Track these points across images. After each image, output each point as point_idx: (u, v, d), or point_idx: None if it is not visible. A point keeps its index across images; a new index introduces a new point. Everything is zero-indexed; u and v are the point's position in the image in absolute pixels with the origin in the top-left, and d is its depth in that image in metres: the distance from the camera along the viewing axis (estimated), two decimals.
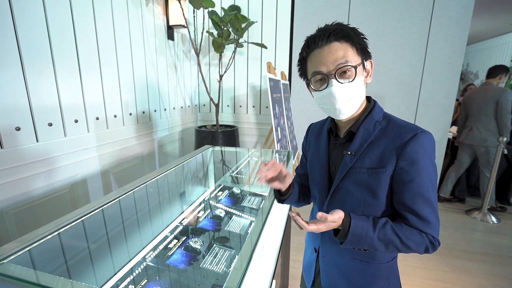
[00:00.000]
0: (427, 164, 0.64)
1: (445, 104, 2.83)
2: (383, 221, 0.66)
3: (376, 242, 0.64)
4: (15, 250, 0.62)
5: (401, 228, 0.65)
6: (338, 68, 0.65)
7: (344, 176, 0.71)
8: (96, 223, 0.85)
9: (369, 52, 0.70)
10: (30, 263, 0.64)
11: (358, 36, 0.67)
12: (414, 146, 0.63)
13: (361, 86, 0.68)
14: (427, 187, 0.64)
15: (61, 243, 0.74)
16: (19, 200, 1.43)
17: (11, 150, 1.36)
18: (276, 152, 1.77)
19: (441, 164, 3.00)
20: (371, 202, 0.69)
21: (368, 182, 0.68)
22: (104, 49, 1.88)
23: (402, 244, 0.64)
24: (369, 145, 0.69)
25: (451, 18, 2.63)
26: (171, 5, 2.56)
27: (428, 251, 0.65)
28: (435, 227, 0.65)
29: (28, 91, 1.42)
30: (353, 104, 0.69)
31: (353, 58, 0.65)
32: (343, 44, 0.65)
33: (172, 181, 1.30)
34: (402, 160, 0.64)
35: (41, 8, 1.44)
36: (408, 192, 0.65)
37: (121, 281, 0.80)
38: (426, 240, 0.64)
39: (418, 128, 0.66)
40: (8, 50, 1.31)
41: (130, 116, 2.22)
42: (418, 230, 0.64)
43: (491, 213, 2.85)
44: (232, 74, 3.28)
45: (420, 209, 0.64)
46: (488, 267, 2.04)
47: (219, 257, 0.95)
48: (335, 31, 0.65)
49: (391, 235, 0.64)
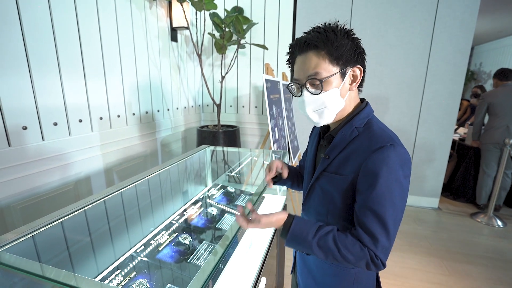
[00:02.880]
0: (389, 180, 0.60)
1: (449, 105, 2.79)
2: (328, 229, 0.65)
3: (315, 248, 0.64)
4: (10, 240, 0.68)
5: (344, 239, 0.63)
6: (308, 79, 0.66)
7: (317, 178, 0.75)
8: (89, 218, 0.90)
9: (354, 58, 0.66)
10: (25, 253, 0.69)
11: (337, 43, 0.63)
12: (376, 158, 0.61)
13: (334, 97, 0.66)
14: (382, 203, 0.61)
15: (56, 235, 0.79)
16: (26, 196, 1.50)
17: (18, 148, 1.44)
18: (272, 153, 1.79)
19: (444, 166, 2.95)
20: (334, 206, 0.71)
21: (332, 187, 0.70)
22: (108, 51, 1.95)
23: (340, 255, 0.62)
24: (342, 151, 0.69)
25: (455, 17, 2.59)
26: (175, 7, 2.62)
27: (368, 267, 0.63)
28: (382, 246, 0.61)
29: (34, 92, 1.49)
30: (325, 114, 0.69)
31: (326, 69, 0.64)
32: (319, 52, 0.64)
33: (166, 180, 1.34)
34: (362, 171, 0.63)
35: (47, 13, 1.51)
36: (362, 204, 0.63)
37: (111, 273, 0.85)
38: (366, 256, 0.61)
39: (389, 141, 0.62)
40: (16, 53, 1.38)
41: (133, 116, 2.29)
42: (360, 243, 0.62)
43: (496, 217, 2.78)
44: (235, 75, 3.32)
45: (368, 223, 0.62)
46: (489, 271, 2.01)
47: (207, 253, 0.99)
48: (310, 39, 0.64)
49: (331, 244, 0.63)
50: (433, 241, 2.40)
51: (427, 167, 2.98)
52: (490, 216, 2.79)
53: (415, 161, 3.00)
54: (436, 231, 2.59)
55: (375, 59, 2.85)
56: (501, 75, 2.85)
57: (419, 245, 2.34)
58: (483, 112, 2.93)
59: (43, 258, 0.75)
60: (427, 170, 2.99)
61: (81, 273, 0.84)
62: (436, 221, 2.79)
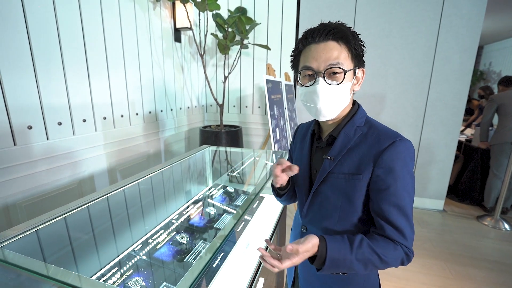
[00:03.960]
0: (404, 173, 0.63)
1: (455, 106, 2.74)
2: (358, 239, 0.62)
3: (355, 264, 0.60)
4: (10, 236, 0.70)
5: (377, 244, 0.62)
6: (328, 67, 0.64)
7: (322, 181, 0.71)
8: (87, 216, 0.91)
9: (363, 60, 0.69)
10: (23, 250, 0.70)
11: (357, 42, 0.66)
12: (391, 154, 0.62)
13: (346, 92, 0.67)
14: (403, 196, 0.63)
15: (54, 232, 0.81)
16: (31, 194, 1.54)
17: (23, 147, 1.47)
18: (273, 153, 1.79)
19: (450, 168, 2.90)
20: (347, 208, 0.69)
21: (345, 188, 0.68)
22: (112, 51, 1.98)
23: (380, 261, 0.61)
24: (348, 150, 0.68)
25: (462, 16, 2.54)
26: (178, 8, 2.64)
27: (403, 263, 0.64)
28: (410, 237, 0.63)
29: (39, 92, 1.53)
30: (335, 108, 0.68)
31: (345, 62, 0.64)
32: (340, 45, 0.64)
33: (165, 180, 1.36)
34: (378, 168, 0.63)
35: (52, 14, 1.55)
36: (383, 201, 0.63)
37: (108, 270, 0.86)
38: (401, 253, 0.62)
39: (397, 136, 0.64)
40: (22, 53, 1.42)
41: (137, 116, 2.32)
42: (392, 243, 0.62)
43: (504, 220, 2.73)
44: (238, 75, 3.33)
45: (395, 219, 0.62)
46: (494, 275, 1.97)
47: (203, 252, 1.00)
48: (335, 30, 0.64)
49: (369, 254, 0.60)
50: (436, 244, 2.37)
51: (432, 168, 2.94)
52: (497, 219, 2.73)
53: (419, 162, 2.96)
54: (440, 233, 2.55)
55: (380, 59, 2.82)
56: (507, 82, 2.88)
57: (422, 247, 2.31)
58: (492, 113, 2.89)
59: (41, 255, 0.77)
60: (432, 172, 2.94)
61: (77, 270, 0.86)
62: (441, 223, 2.75)
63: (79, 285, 0.54)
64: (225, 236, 0.69)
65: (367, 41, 2.98)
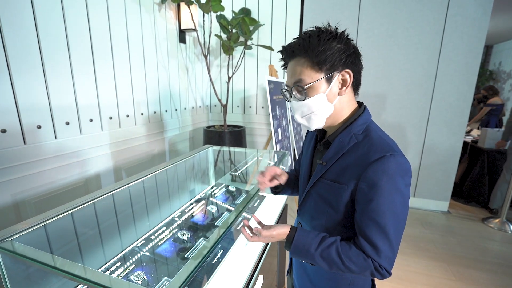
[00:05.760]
0: (389, 190, 0.60)
1: (460, 106, 2.72)
2: (331, 240, 0.65)
3: (318, 260, 0.64)
4: (19, 230, 0.73)
5: (347, 250, 0.63)
6: (293, 85, 0.67)
7: (313, 185, 0.73)
8: (91, 213, 0.95)
9: (342, 62, 0.63)
10: (32, 243, 0.74)
11: (317, 49, 0.61)
12: (376, 168, 0.60)
13: (320, 103, 0.65)
14: (384, 214, 0.60)
15: (61, 227, 0.85)
16: (40, 191, 1.59)
17: (32, 145, 1.53)
18: (275, 153, 1.81)
19: (455, 169, 2.87)
20: (332, 214, 0.70)
21: (330, 194, 0.69)
22: (118, 53, 2.03)
23: (344, 266, 0.63)
24: (341, 157, 0.67)
25: (467, 16, 2.52)
26: (183, 10, 2.68)
27: (374, 276, 0.64)
28: (386, 255, 0.62)
29: (48, 93, 1.58)
30: (313, 120, 0.68)
31: (309, 75, 0.64)
32: (302, 59, 0.64)
33: (167, 179, 1.39)
34: (362, 181, 0.62)
35: (60, 16, 1.60)
36: (363, 214, 0.62)
37: (111, 265, 0.90)
38: (371, 266, 0.62)
39: (389, 150, 0.61)
40: (31, 55, 1.47)
41: (142, 116, 2.37)
42: (363, 254, 0.62)
43: (510, 222, 2.69)
44: (242, 76, 3.36)
45: (371, 234, 0.61)
46: (498, 278, 1.95)
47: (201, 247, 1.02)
48: (294, 46, 0.65)
49: (334, 256, 0.63)
50: (440, 245, 2.35)
51: (436, 170, 2.92)
52: (503, 221, 2.69)
53: (424, 163, 2.94)
54: (444, 235, 2.53)
55: (384, 59, 2.81)
56: None
57: (425, 248, 2.30)
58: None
59: (48, 248, 0.80)
60: (437, 173, 2.92)
61: (82, 263, 0.90)
62: (445, 225, 2.72)
63: (84, 276, 0.57)
64: (223, 232, 0.72)
65: (371, 41, 3.00)
